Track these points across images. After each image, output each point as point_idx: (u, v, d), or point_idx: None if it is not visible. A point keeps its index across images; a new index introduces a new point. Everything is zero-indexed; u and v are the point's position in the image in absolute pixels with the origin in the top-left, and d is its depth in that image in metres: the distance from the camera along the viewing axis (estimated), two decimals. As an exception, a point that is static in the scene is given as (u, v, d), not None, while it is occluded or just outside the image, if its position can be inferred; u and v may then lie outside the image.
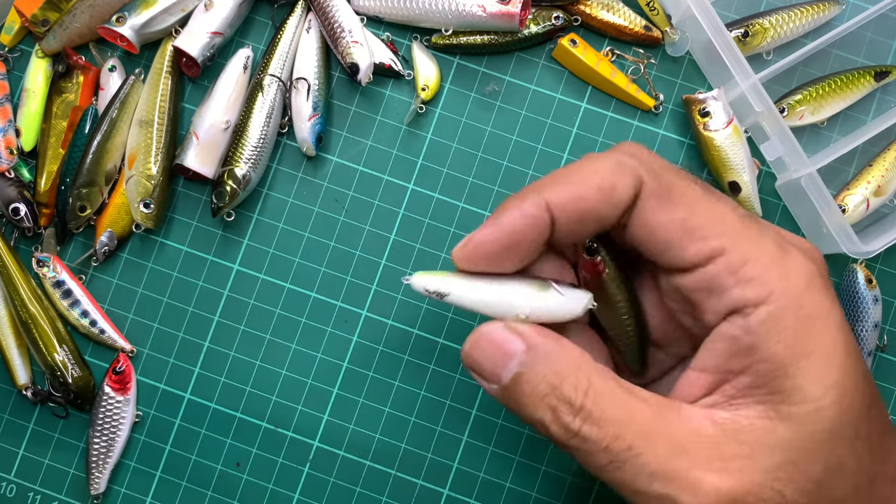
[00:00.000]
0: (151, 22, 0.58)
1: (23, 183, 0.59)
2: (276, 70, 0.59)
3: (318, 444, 0.59)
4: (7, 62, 0.61)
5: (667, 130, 0.62)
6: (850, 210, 0.60)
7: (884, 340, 0.61)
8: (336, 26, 0.59)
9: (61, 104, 0.60)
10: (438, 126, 0.61)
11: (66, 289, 0.59)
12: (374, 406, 0.60)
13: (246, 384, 0.60)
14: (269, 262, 0.60)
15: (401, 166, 0.61)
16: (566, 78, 0.62)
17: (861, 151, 0.62)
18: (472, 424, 0.59)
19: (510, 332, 0.40)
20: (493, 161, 0.61)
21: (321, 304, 0.60)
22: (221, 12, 0.59)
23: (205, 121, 0.58)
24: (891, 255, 0.61)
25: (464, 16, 0.59)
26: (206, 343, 0.60)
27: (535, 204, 0.40)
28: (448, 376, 0.60)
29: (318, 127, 0.59)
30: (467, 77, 0.62)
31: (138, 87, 0.60)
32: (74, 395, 0.58)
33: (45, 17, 0.60)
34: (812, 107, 0.61)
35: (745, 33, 0.60)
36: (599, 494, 0.59)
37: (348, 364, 0.60)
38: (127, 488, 0.59)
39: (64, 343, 0.58)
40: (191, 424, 0.59)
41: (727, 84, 0.59)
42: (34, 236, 0.60)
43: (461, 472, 0.59)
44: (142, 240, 0.60)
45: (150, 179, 0.58)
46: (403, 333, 0.60)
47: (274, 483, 0.59)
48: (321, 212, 0.61)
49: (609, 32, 0.61)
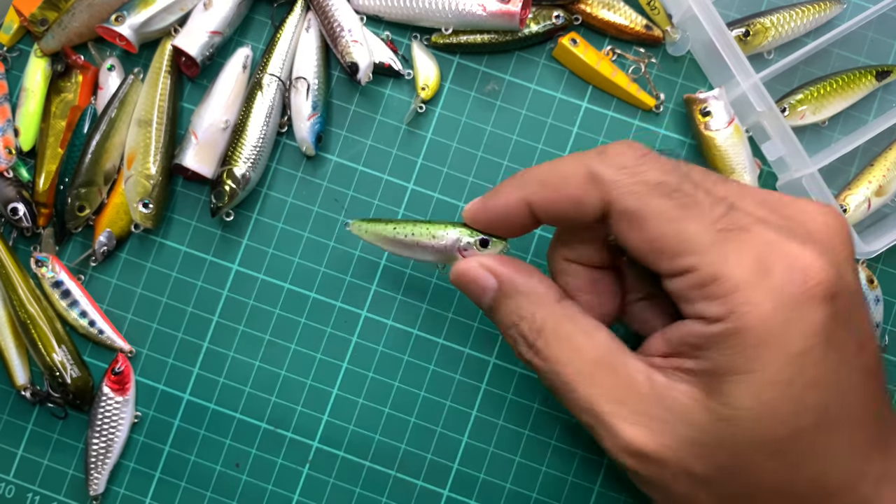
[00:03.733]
0: (150, 21, 0.58)
1: (21, 183, 0.59)
2: (276, 69, 0.59)
3: (317, 445, 0.59)
4: (6, 61, 0.61)
5: (668, 130, 0.62)
6: (851, 210, 0.60)
7: (885, 341, 0.61)
8: (335, 25, 0.58)
9: (60, 103, 0.60)
10: (438, 126, 0.61)
11: (65, 289, 0.59)
12: (374, 406, 0.59)
13: (245, 385, 0.59)
14: (269, 262, 0.60)
15: (401, 166, 0.61)
16: (567, 77, 0.62)
17: (862, 151, 0.62)
18: (472, 424, 0.59)
19: (483, 270, 0.47)
20: (493, 161, 0.61)
21: (321, 304, 0.60)
22: (220, 11, 0.58)
23: (204, 120, 0.58)
24: (892, 255, 0.61)
25: (464, 15, 0.59)
26: (205, 343, 0.60)
27: (518, 199, 0.46)
28: (448, 376, 0.60)
29: (317, 126, 0.59)
30: (467, 76, 0.61)
31: (137, 86, 0.60)
32: (73, 395, 0.58)
33: (44, 16, 0.59)
34: (813, 106, 0.60)
35: (746, 32, 0.60)
36: (599, 494, 0.59)
37: (348, 364, 0.60)
38: (126, 489, 0.59)
39: (63, 343, 0.58)
40: (190, 425, 0.59)
41: (728, 83, 0.59)
42: (33, 236, 0.60)
43: (461, 472, 0.59)
44: (141, 240, 0.60)
45: (148, 179, 0.58)
46: (403, 333, 0.60)
47: (273, 484, 0.59)
48: (321, 212, 0.60)
49: (610, 32, 0.61)
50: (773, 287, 0.39)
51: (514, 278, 0.47)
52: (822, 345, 0.39)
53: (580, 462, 0.59)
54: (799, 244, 0.40)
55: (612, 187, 0.42)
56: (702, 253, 0.40)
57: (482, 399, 0.59)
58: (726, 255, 0.40)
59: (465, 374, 0.60)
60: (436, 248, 0.50)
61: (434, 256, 0.51)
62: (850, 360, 0.41)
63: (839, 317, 0.40)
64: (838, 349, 0.40)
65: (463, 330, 0.60)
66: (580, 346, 0.44)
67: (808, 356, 0.39)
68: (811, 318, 0.39)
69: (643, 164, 0.42)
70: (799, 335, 0.39)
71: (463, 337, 0.60)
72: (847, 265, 0.42)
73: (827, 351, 0.39)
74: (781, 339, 0.39)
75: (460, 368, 0.60)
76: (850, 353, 0.41)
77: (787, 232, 0.41)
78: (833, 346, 0.40)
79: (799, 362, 0.39)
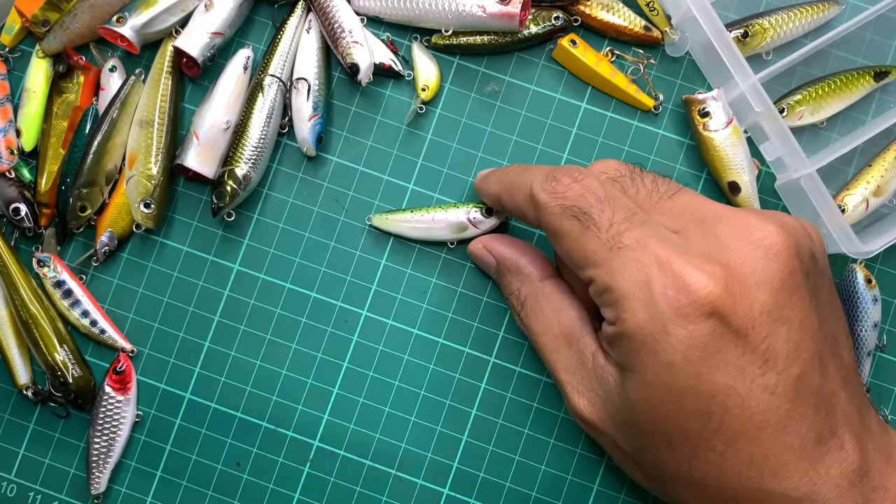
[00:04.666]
0: (152, 22, 0.58)
1: (23, 183, 0.60)
2: (277, 70, 0.59)
3: (318, 444, 0.59)
4: (8, 62, 0.61)
5: (666, 130, 0.62)
6: (849, 210, 0.60)
7: (883, 340, 0.61)
8: (336, 26, 0.59)
9: (62, 104, 0.60)
10: (438, 126, 0.61)
11: (67, 289, 0.59)
12: (374, 405, 0.60)
13: (246, 384, 0.60)
14: (270, 262, 0.60)
15: (401, 166, 0.61)
16: (566, 78, 0.62)
17: (860, 151, 0.62)
18: (472, 424, 0.59)
19: (484, 251, 0.57)
20: (493, 161, 0.61)
21: (321, 304, 0.60)
22: (222, 12, 0.59)
23: (205, 121, 0.58)
24: (890, 255, 0.61)
25: (464, 16, 0.59)
26: (206, 343, 0.60)
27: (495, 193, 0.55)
28: (448, 376, 0.60)
29: (318, 127, 0.59)
30: (467, 77, 0.62)
31: (139, 87, 0.60)
32: (75, 394, 0.58)
33: (46, 17, 0.60)
34: (812, 107, 0.61)
35: (744, 33, 0.60)
36: (599, 493, 0.59)
37: (348, 364, 0.60)
38: (127, 488, 0.59)
39: (64, 343, 0.58)
40: (191, 424, 0.59)
41: (727, 84, 0.59)
42: (35, 236, 0.60)
43: (461, 471, 0.59)
44: (142, 240, 0.60)
45: (150, 179, 0.58)
46: (403, 333, 0.60)
47: (274, 483, 0.59)
48: (321, 212, 0.61)
49: (609, 33, 0.61)
50: (649, 301, 0.43)
51: (506, 259, 0.56)
52: (702, 358, 0.42)
53: (579, 461, 0.59)
54: (692, 265, 0.43)
55: (541, 209, 0.48)
56: (598, 267, 0.46)
57: (482, 398, 0.60)
58: (616, 269, 0.45)
59: (464, 373, 0.60)
60: (449, 222, 0.59)
61: (449, 230, 0.59)
62: (748, 377, 0.43)
63: (728, 335, 0.42)
64: (731, 364, 0.42)
65: (463, 330, 0.60)
66: (549, 320, 0.53)
67: (682, 367, 0.43)
68: (682, 332, 0.42)
69: (570, 189, 0.47)
70: (670, 346, 0.43)
71: (463, 337, 0.60)
72: (761, 287, 0.43)
73: (710, 364, 0.42)
74: (655, 347, 0.43)
75: (460, 368, 0.60)
76: (750, 370, 0.43)
77: (689, 251, 0.44)
78: (721, 361, 0.42)
79: (672, 371, 0.43)
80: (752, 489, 0.44)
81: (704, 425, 0.43)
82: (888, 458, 0.46)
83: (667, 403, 0.44)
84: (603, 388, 0.49)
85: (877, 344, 0.60)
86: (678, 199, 0.48)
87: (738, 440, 0.43)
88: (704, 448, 0.44)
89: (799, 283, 0.44)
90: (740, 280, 0.43)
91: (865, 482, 0.44)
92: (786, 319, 0.43)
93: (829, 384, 0.44)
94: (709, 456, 0.44)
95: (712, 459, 0.44)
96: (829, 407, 0.44)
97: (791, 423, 0.43)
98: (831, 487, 0.43)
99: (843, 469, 0.44)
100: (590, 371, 0.50)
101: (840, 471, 0.44)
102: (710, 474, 0.45)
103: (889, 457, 0.46)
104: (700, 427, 0.43)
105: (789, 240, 0.44)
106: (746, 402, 0.43)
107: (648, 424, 0.45)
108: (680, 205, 0.48)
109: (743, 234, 0.45)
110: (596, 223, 0.46)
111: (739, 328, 0.42)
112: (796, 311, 0.44)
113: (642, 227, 0.45)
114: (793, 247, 0.44)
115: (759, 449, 0.43)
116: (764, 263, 0.43)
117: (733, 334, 0.42)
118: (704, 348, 0.42)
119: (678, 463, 0.45)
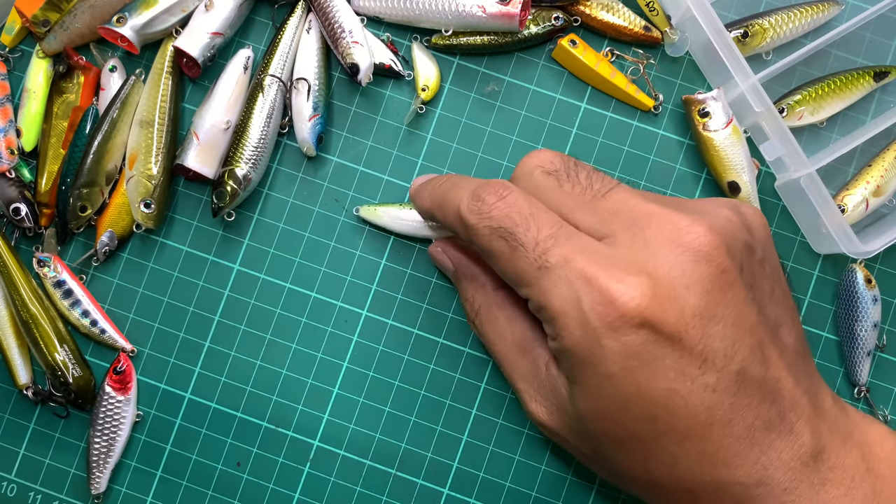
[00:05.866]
0: (152, 22, 0.58)
1: (23, 183, 0.60)
2: (277, 70, 0.59)
3: (318, 444, 0.59)
4: (8, 62, 0.61)
5: (666, 131, 0.62)
6: (849, 210, 0.60)
7: (883, 340, 0.61)
8: (336, 27, 0.59)
9: (62, 104, 0.60)
10: (438, 126, 0.61)
11: (67, 289, 0.59)
12: (374, 406, 0.60)
13: (246, 384, 0.60)
14: (270, 262, 0.60)
15: (401, 166, 0.61)
16: (566, 78, 0.62)
17: (860, 151, 0.62)
18: (472, 424, 0.59)
19: (443, 255, 0.57)
20: (493, 161, 0.61)
21: (321, 304, 0.60)
22: (222, 13, 0.59)
23: (205, 121, 0.58)
24: (890, 255, 0.61)
25: (464, 16, 0.59)
26: (206, 343, 0.60)
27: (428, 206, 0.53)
28: (448, 376, 0.60)
29: (318, 127, 0.59)
30: (467, 77, 0.62)
31: (139, 87, 0.60)
32: (75, 394, 0.58)
33: (46, 17, 0.60)
34: (811, 107, 0.61)
35: (744, 34, 0.60)
36: (599, 493, 0.59)
37: (348, 364, 0.60)
38: (127, 488, 0.59)
39: (64, 343, 0.58)
40: (191, 424, 0.59)
41: (727, 84, 0.59)
42: (35, 236, 0.60)
43: (461, 471, 0.59)
44: (142, 240, 0.60)
45: (150, 179, 0.58)
46: (403, 333, 0.60)
47: (274, 483, 0.59)
48: (321, 212, 0.61)
49: (609, 33, 0.61)
50: (581, 318, 0.43)
51: (462, 265, 0.56)
52: (640, 367, 0.43)
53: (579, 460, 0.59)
54: (616, 279, 0.43)
55: (469, 231, 0.48)
56: (530, 286, 0.46)
57: (482, 398, 0.60)
58: (547, 288, 0.45)
59: (464, 373, 0.60)
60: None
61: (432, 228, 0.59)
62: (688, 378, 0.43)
63: (662, 341, 0.43)
64: (670, 368, 0.43)
65: (463, 330, 0.60)
66: (503, 330, 0.53)
67: (622, 377, 0.43)
68: (616, 345, 0.43)
69: (495, 209, 0.47)
70: (607, 359, 0.43)
71: (463, 337, 0.60)
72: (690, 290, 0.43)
73: (648, 371, 0.43)
74: (592, 360, 0.44)
75: (460, 368, 0.60)
76: (690, 372, 0.43)
77: (616, 263, 0.44)
78: (659, 367, 0.43)
79: (612, 381, 0.44)
80: (707, 482, 0.45)
81: (652, 429, 0.44)
82: (844, 438, 0.46)
83: (614, 412, 0.45)
84: (556, 397, 0.50)
85: (877, 344, 0.60)
86: (611, 197, 0.48)
87: (687, 439, 0.44)
88: (656, 450, 0.45)
89: (732, 280, 0.44)
90: (669, 286, 0.43)
91: (820, 462, 0.44)
92: (720, 318, 0.43)
93: (772, 372, 0.44)
94: (662, 457, 0.45)
95: (665, 460, 0.45)
96: (774, 394, 0.44)
97: (736, 415, 0.43)
98: (784, 471, 0.44)
99: (794, 452, 0.44)
100: (544, 381, 0.50)
101: (791, 454, 0.44)
102: (665, 473, 0.45)
103: (845, 436, 0.46)
104: (648, 431, 0.44)
105: (718, 240, 0.44)
106: (690, 403, 0.43)
107: (599, 432, 0.46)
108: (612, 205, 0.47)
109: (672, 238, 0.44)
110: (522, 243, 0.46)
111: (673, 333, 0.42)
112: (731, 308, 0.44)
113: (568, 242, 0.45)
114: (722, 246, 0.44)
115: (708, 444, 0.44)
116: (693, 267, 0.43)
117: (667, 340, 0.42)
118: (640, 357, 0.43)
119: (633, 465, 0.46)
